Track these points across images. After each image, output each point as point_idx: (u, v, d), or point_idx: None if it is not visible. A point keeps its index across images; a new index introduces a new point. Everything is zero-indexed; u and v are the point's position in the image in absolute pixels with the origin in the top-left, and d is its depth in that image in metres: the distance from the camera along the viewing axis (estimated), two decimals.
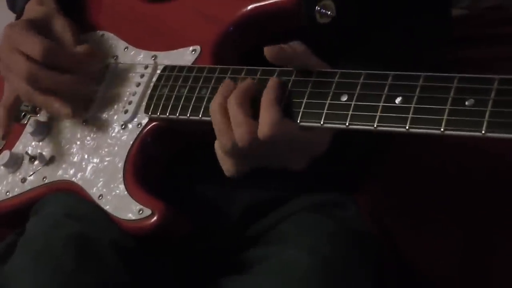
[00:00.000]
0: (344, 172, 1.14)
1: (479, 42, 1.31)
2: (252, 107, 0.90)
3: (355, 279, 1.03)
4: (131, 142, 1.06)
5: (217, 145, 0.94)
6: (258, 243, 1.10)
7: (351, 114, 0.85)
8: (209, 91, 0.99)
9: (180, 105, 1.01)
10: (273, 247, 1.07)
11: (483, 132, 0.75)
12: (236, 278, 1.05)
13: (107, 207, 1.04)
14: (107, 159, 1.08)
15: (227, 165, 0.94)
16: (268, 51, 0.90)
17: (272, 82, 0.91)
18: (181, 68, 1.04)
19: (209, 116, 0.97)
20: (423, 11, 1.13)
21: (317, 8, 0.98)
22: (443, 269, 1.10)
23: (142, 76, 1.10)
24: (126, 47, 1.15)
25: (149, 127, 1.06)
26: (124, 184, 1.04)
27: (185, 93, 1.01)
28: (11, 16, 1.31)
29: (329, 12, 0.98)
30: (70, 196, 1.10)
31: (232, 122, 0.90)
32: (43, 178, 1.13)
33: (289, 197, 1.13)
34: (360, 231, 1.09)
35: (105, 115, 1.11)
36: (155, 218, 0.99)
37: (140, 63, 1.11)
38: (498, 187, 1.10)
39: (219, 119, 0.92)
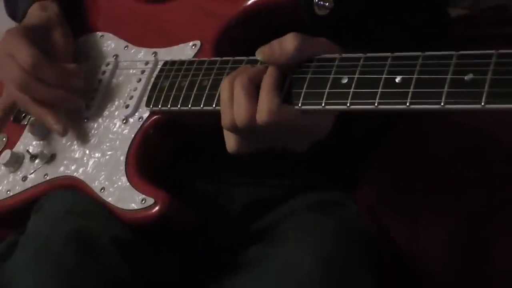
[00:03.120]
0: (343, 167, 1.15)
1: (479, 42, 1.31)
2: (257, 91, 0.91)
3: (356, 279, 1.04)
4: (133, 136, 1.07)
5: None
6: (259, 241, 1.10)
7: (352, 94, 0.86)
8: (210, 82, 1.00)
9: (182, 96, 1.02)
10: (274, 246, 1.07)
11: (482, 104, 0.76)
12: (238, 277, 1.05)
13: (109, 199, 1.04)
14: (108, 153, 1.08)
15: (229, 142, 0.94)
16: (259, 53, 0.92)
17: (272, 68, 0.92)
18: (182, 62, 1.06)
19: (211, 106, 0.98)
20: (420, 9, 1.15)
21: (315, 0, 1.00)
22: (442, 267, 1.10)
23: (142, 72, 1.11)
24: (126, 46, 1.17)
25: (150, 120, 1.07)
26: (126, 176, 1.05)
27: (186, 85, 1.02)
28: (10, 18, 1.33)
29: (327, 4, 1.00)
30: (70, 193, 1.10)
31: (234, 100, 0.91)
32: (44, 175, 1.14)
33: (289, 195, 1.13)
34: (360, 230, 1.10)
35: (106, 112, 1.12)
36: (158, 207, 1.00)
37: (140, 60, 1.13)
38: (499, 186, 1.10)
39: (225, 94, 0.92)
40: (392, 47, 1.10)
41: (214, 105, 0.98)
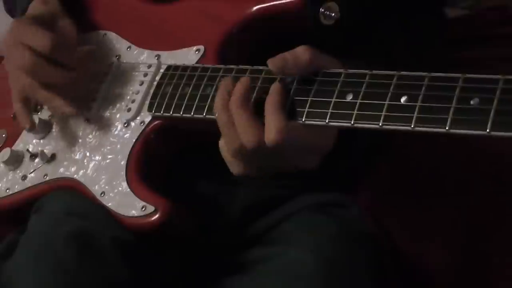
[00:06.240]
0: (346, 170, 1.15)
1: (479, 42, 1.32)
2: (254, 106, 0.91)
3: (357, 279, 1.04)
4: (134, 140, 1.07)
5: (221, 144, 0.95)
6: (261, 242, 1.11)
7: (356, 113, 0.86)
8: (213, 89, 0.99)
9: (184, 104, 1.01)
10: (276, 247, 1.08)
11: (488, 130, 0.76)
12: (240, 278, 1.06)
13: (109, 204, 1.04)
14: (109, 156, 1.08)
15: (234, 167, 0.94)
16: (271, 63, 0.91)
17: (275, 86, 0.91)
18: (185, 67, 1.05)
19: (214, 115, 0.98)
20: (418, 11, 1.15)
21: (321, 10, 0.99)
22: (443, 268, 1.11)
23: (145, 75, 1.10)
24: (129, 47, 1.16)
25: (152, 125, 1.06)
26: (127, 181, 1.04)
27: (189, 92, 1.02)
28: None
29: (333, 14, 0.99)
30: (71, 194, 1.10)
31: (237, 124, 0.90)
32: (44, 176, 1.13)
33: (289, 196, 1.13)
34: (361, 231, 1.10)
35: (107, 114, 1.12)
36: (158, 214, 1.00)
37: (143, 63, 1.12)
38: (500, 187, 1.11)
39: (224, 120, 0.92)
40: (393, 54, 1.11)
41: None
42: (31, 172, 1.15)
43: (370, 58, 1.02)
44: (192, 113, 1.00)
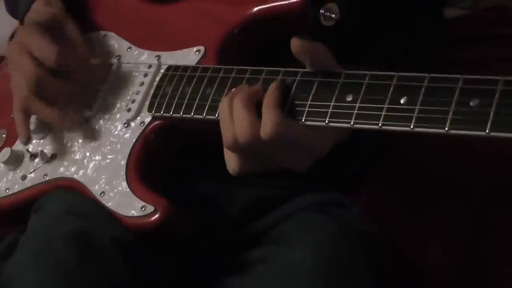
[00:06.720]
0: (347, 172, 1.15)
1: (477, 42, 1.32)
2: (257, 110, 0.91)
3: (358, 279, 1.04)
4: (134, 140, 1.07)
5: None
6: (260, 242, 1.11)
7: (356, 113, 0.86)
8: (213, 90, 1.00)
9: (184, 104, 1.01)
10: (276, 247, 1.08)
11: (487, 131, 0.76)
12: (240, 278, 1.06)
13: (109, 204, 1.04)
14: (109, 156, 1.08)
15: (230, 162, 0.94)
16: (295, 41, 0.89)
17: (274, 84, 0.92)
18: (185, 68, 1.05)
19: (214, 115, 0.98)
20: (417, 12, 1.16)
21: (322, 11, 0.99)
22: (443, 268, 1.12)
23: (145, 75, 1.11)
24: (129, 47, 1.16)
25: (152, 125, 1.06)
26: (127, 181, 1.04)
27: (189, 92, 1.02)
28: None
29: (333, 15, 0.99)
30: (71, 194, 1.10)
31: (235, 117, 0.90)
32: (44, 175, 1.13)
33: (289, 196, 1.14)
34: (361, 230, 1.11)
35: (107, 114, 1.12)
36: (157, 215, 1.00)
37: (143, 63, 1.12)
38: (500, 186, 1.12)
39: (225, 112, 0.92)
40: (392, 55, 1.11)
41: (216, 115, 0.97)
42: (31, 172, 1.15)
43: (369, 60, 1.03)
44: (192, 113, 1.00)
